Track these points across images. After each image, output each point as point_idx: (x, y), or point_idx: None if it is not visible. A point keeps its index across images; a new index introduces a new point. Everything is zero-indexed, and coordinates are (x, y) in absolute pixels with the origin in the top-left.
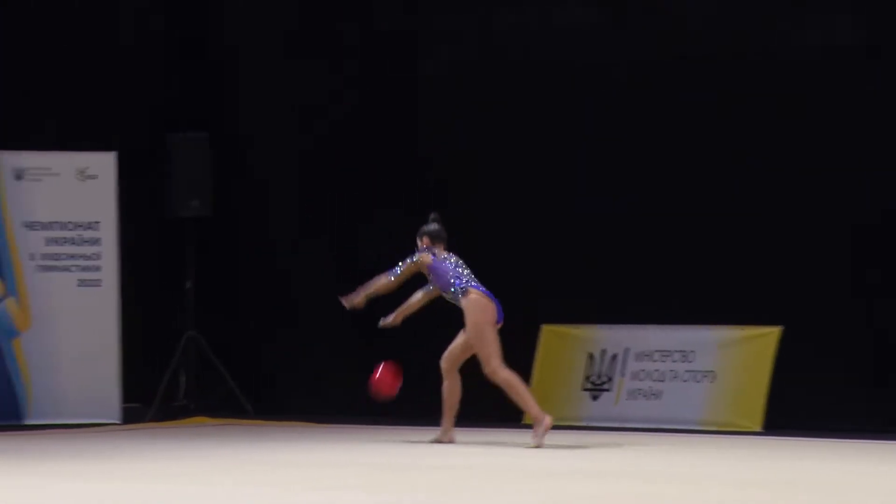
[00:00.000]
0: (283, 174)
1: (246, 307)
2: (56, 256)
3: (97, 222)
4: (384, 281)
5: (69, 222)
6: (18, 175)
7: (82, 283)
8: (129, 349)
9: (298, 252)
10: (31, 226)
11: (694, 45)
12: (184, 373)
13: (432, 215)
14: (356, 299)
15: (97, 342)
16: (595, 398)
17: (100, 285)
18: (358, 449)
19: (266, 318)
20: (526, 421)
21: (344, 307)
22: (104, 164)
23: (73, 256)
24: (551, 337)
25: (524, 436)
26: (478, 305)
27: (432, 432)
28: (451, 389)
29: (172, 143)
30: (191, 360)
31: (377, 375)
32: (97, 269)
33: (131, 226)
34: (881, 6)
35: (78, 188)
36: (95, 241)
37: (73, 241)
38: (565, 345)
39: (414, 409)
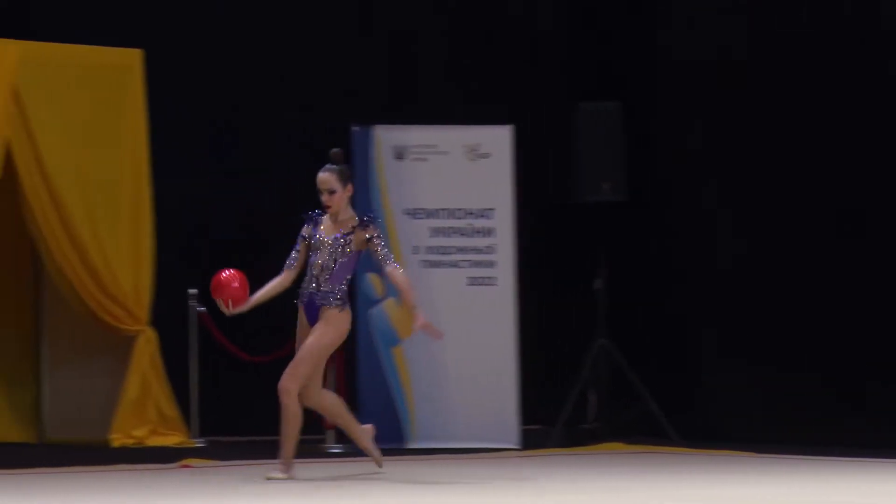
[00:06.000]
0: (719, 151)
1: (670, 310)
2: (443, 250)
3: (491, 209)
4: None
5: (458, 209)
6: (400, 154)
7: (473, 281)
8: (528, 360)
9: (738, 248)
10: (413, 214)
11: None
12: (594, 389)
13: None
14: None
15: (491, 351)
16: None
17: (494, 284)
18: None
19: (695, 324)
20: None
21: None
22: (499, 141)
23: (462, 250)
24: None
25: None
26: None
27: None
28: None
29: (580, 115)
30: (602, 374)
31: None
32: (491, 264)
33: (530, 213)
34: None
35: (468, 169)
36: (489, 232)
37: (462, 232)
38: None
39: None
